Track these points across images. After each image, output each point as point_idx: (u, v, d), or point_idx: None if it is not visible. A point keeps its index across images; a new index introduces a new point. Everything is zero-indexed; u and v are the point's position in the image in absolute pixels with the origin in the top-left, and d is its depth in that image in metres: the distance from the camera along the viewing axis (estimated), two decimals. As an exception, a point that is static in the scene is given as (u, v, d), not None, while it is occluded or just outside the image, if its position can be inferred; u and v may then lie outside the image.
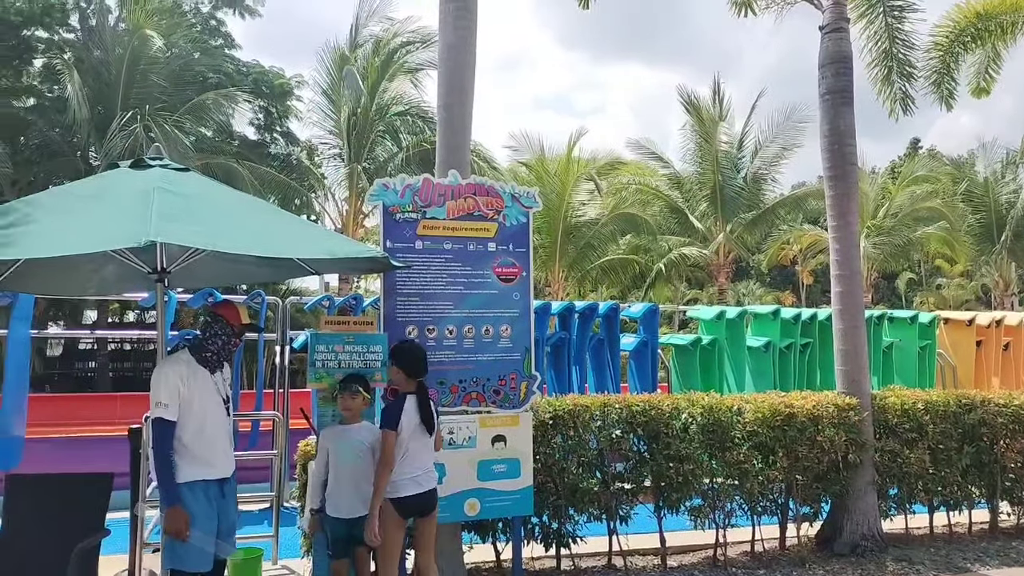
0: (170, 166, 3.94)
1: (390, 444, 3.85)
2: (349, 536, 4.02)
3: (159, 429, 3.57)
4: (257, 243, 3.54)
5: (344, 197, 19.00)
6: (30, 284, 4.75)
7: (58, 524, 3.97)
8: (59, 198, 3.74)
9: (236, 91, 17.15)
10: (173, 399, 3.58)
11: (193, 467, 3.62)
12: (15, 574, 3.86)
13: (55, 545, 3.87)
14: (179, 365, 3.70)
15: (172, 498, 3.53)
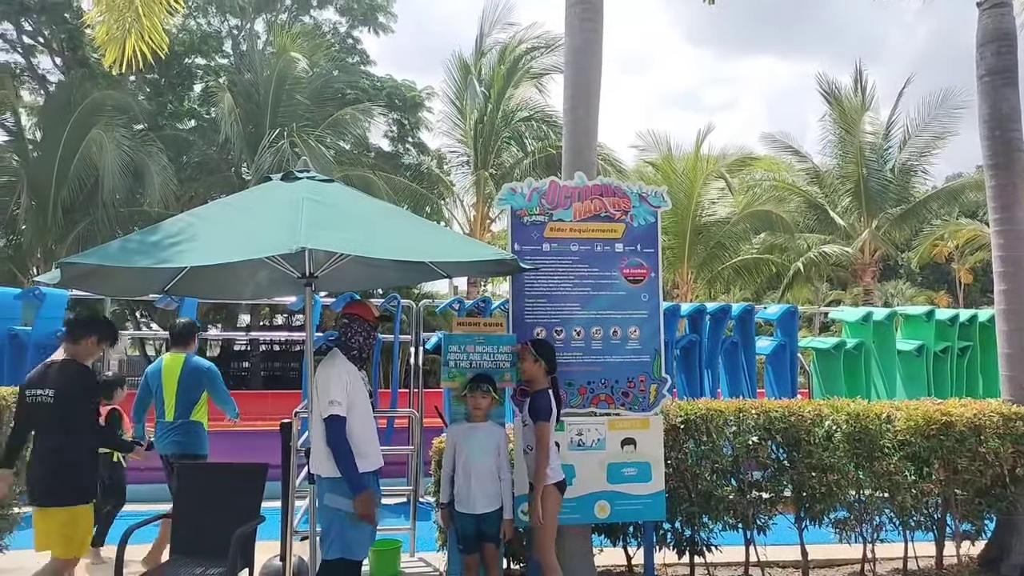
0: (316, 178, 4.20)
1: (548, 434, 4.04)
2: (478, 532, 4.15)
3: (335, 424, 3.75)
4: (394, 248, 3.72)
5: (472, 203, 19.49)
6: (195, 289, 5.21)
7: (220, 508, 4.33)
8: (219, 210, 4.08)
9: (371, 105, 18.03)
10: (343, 396, 3.79)
11: (360, 460, 3.82)
12: (186, 549, 4.25)
13: (217, 527, 4.23)
14: (344, 364, 3.93)
15: (360, 484, 3.72)
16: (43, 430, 4.10)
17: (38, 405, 4.05)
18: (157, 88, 20.53)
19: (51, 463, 4.03)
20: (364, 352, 4.09)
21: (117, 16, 5.27)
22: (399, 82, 20.92)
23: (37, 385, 4.09)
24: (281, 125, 16.22)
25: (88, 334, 4.20)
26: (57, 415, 4.02)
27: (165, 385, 5.45)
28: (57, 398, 4.01)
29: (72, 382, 4.06)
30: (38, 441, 4.16)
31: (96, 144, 15.40)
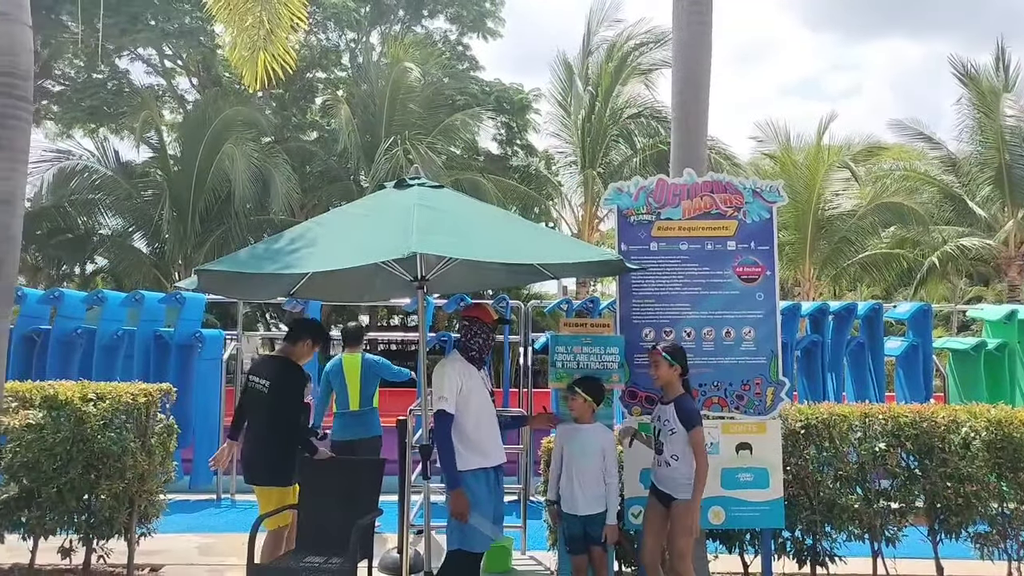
0: (427, 184, 4.34)
1: (702, 441, 3.97)
2: (584, 533, 4.14)
3: (441, 420, 3.93)
4: (501, 250, 3.79)
5: (580, 203, 19.45)
6: (318, 292, 5.52)
7: (341, 501, 4.54)
8: (336, 218, 4.30)
9: (480, 110, 18.37)
10: (453, 394, 3.94)
11: (475, 456, 3.97)
12: (310, 539, 4.49)
13: (338, 518, 4.45)
14: (458, 364, 4.09)
15: (455, 482, 3.87)
16: (255, 415, 4.59)
17: (255, 392, 4.57)
18: (282, 102, 21.77)
19: (258, 447, 4.53)
20: (483, 353, 4.21)
21: (248, 37, 5.67)
22: (507, 85, 21.19)
23: (257, 374, 4.64)
24: (395, 133, 16.81)
25: (305, 337, 4.68)
26: (268, 403, 4.49)
27: (348, 380, 6.13)
28: (271, 389, 4.49)
29: (284, 376, 4.53)
30: (251, 424, 4.65)
31: (228, 157, 16.52)
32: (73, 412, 5.02)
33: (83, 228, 18.56)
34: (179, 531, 6.42)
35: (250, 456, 4.61)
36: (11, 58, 5.22)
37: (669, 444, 4.05)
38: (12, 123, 5.20)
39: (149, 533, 5.43)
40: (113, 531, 5.19)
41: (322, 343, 4.79)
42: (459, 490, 3.86)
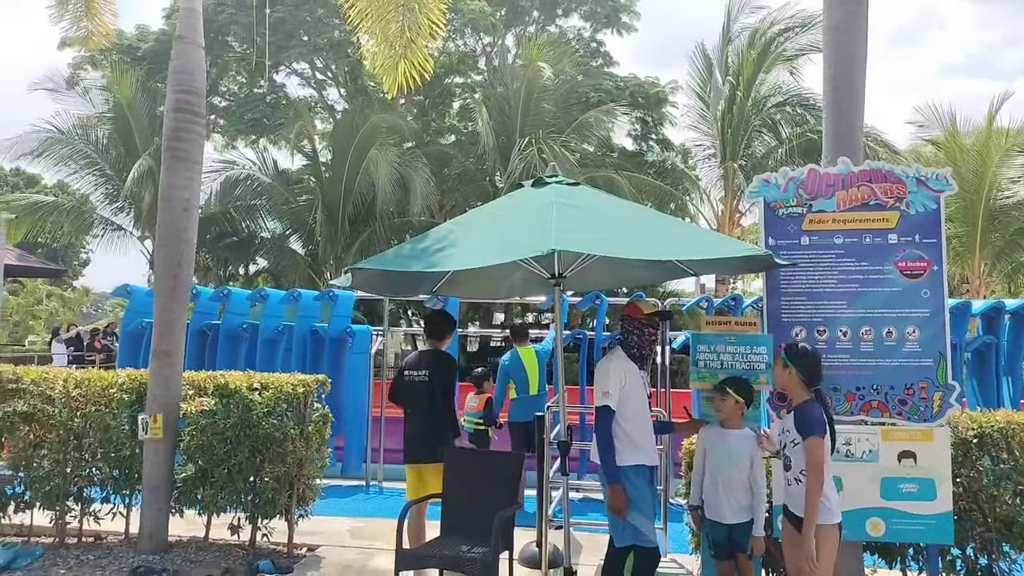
0: (564, 182, 4.35)
1: (820, 454, 3.48)
2: (729, 540, 3.98)
3: (603, 415, 3.97)
4: (643, 247, 3.73)
5: (719, 197, 18.80)
6: (459, 289, 5.69)
7: (483, 492, 4.65)
8: (476, 217, 4.40)
9: (615, 106, 18.19)
10: (615, 390, 3.96)
11: (635, 453, 3.97)
12: (454, 527, 4.63)
13: (481, 509, 4.55)
14: (622, 360, 4.11)
15: (615, 477, 3.89)
16: (416, 402, 5.01)
17: (414, 383, 5.01)
18: (422, 108, 22.63)
19: (423, 429, 4.95)
20: (643, 350, 4.19)
21: (390, 46, 5.95)
22: (642, 80, 20.85)
23: (414, 368, 5.08)
24: (529, 133, 16.99)
25: (448, 331, 5.25)
26: (428, 390, 4.94)
27: (528, 369, 6.89)
28: (430, 378, 4.96)
29: (440, 365, 5.02)
30: (413, 411, 5.07)
31: (373, 163, 17.39)
32: (241, 400, 5.47)
33: (246, 232, 20.20)
34: (332, 514, 6.81)
35: (414, 438, 4.98)
36: (188, 77, 5.77)
37: (795, 458, 3.67)
38: (189, 136, 5.75)
39: (307, 515, 5.82)
40: (275, 511, 5.61)
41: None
42: (619, 485, 3.86)
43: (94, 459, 5.78)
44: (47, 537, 5.88)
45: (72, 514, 5.81)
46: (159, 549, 5.57)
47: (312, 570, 5.34)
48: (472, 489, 4.66)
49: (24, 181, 37.38)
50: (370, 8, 6.08)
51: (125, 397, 5.71)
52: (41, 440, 5.75)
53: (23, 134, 18.06)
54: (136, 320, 8.83)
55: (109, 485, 5.81)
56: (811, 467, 3.49)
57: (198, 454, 5.57)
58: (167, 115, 5.78)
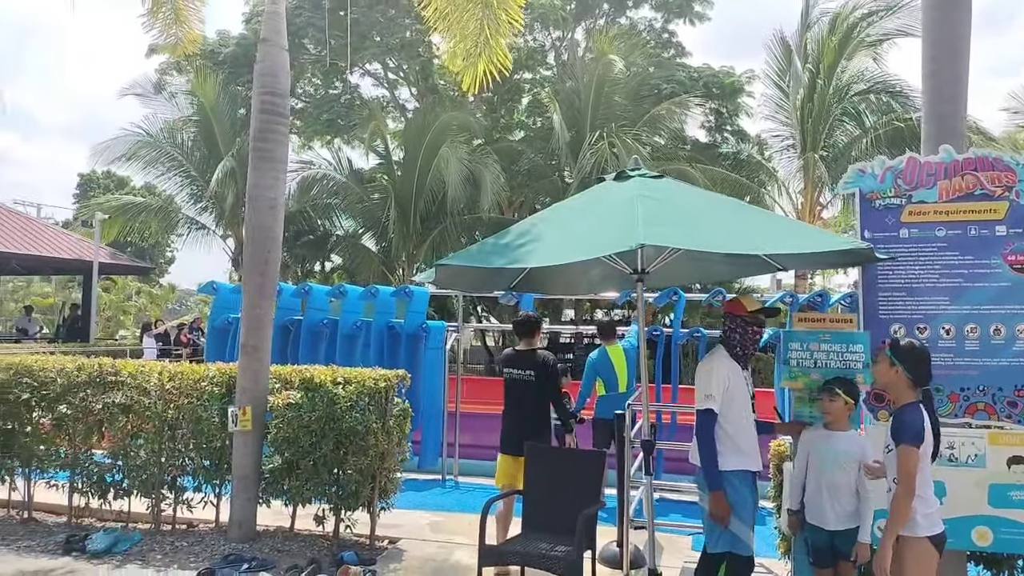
0: (647, 175, 4.26)
1: (913, 463, 3.23)
2: (831, 547, 3.81)
3: (705, 418, 3.82)
4: (734, 240, 3.61)
5: (799, 189, 18.16)
6: (536, 285, 5.66)
7: (564, 490, 4.62)
8: (559, 213, 4.36)
9: (688, 97, 17.81)
10: (719, 393, 3.82)
11: (738, 457, 3.83)
12: (535, 524, 4.62)
13: (562, 506, 4.53)
14: (726, 360, 3.94)
15: (717, 484, 3.75)
16: (520, 399, 5.32)
17: (518, 381, 5.32)
18: (491, 105, 22.69)
19: (524, 425, 5.23)
20: (746, 349, 4.01)
21: (468, 44, 5.96)
22: (716, 70, 20.35)
23: (516, 366, 5.37)
24: (600, 127, 16.82)
25: (535, 330, 5.51)
26: (534, 389, 5.25)
27: (616, 367, 6.90)
28: (537, 377, 5.25)
29: (545, 365, 5.29)
30: (514, 406, 5.36)
31: (444, 160, 17.54)
32: (326, 394, 5.60)
33: (322, 230, 20.71)
34: (410, 507, 6.90)
35: (518, 432, 5.24)
36: (272, 79, 5.92)
37: (890, 465, 3.42)
38: (274, 137, 5.90)
39: (388, 508, 5.91)
40: (358, 503, 5.72)
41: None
42: (720, 492, 3.72)
43: (187, 449, 6.02)
44: (143, 523, 6.16)
45: (166, 502, 6.07)
46: (248, 538, 5.75)
47: (394, 562, 5.42)
48: (553, 486, 4.64)
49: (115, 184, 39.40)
50: (448, 7, 6.11)
51: (215, 390, 5.92)
52: (138, 430, 6.03)
53: (115, 138, 19.02)
54: (222, 316, 9.15)
55: (200, 475, 6.04)
56: (901, 476, 3.28)
57: (284, 446, 5.73)
58: (253, 117, 5.95)
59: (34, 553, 5.47)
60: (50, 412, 6.17)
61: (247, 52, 20.73)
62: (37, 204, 28.65)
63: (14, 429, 6.26)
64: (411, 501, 7.18)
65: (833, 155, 17.12)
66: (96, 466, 6.17)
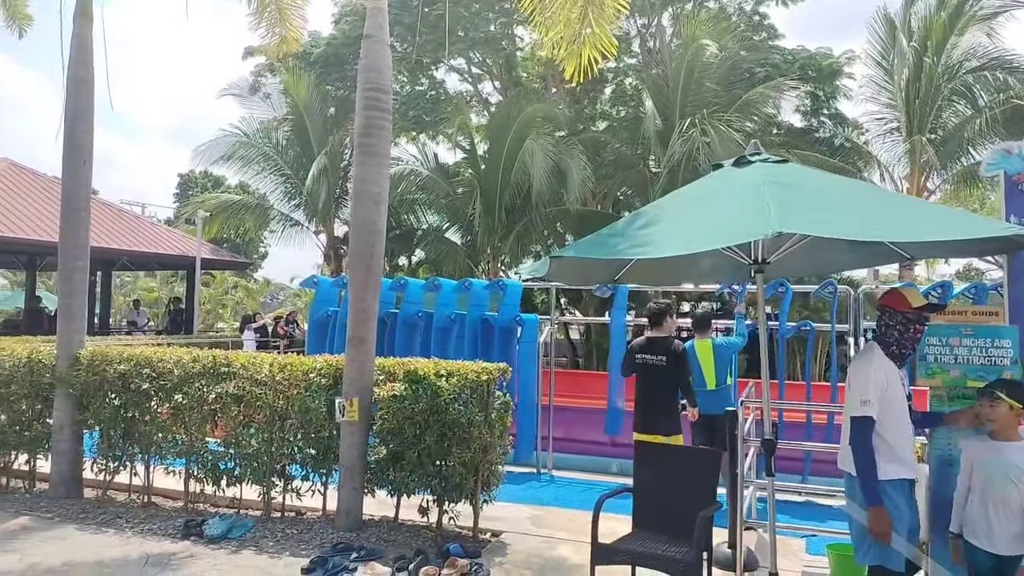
0: (769, 160, 4.05)
1: None
2: (997, 573, 3.41)
3: (862, 427, 3.52)
4: (877, 227, 3.36)
5: (904, 175, 17.18)
6: (642, 277, 5.49)
7: (677, 488, 4.46)
8: (678, 201, 4.19)
9: (783, 81, 17.08)
10: (876, 397, 3.52)
11: (895, 465, 3.53)
12: (647, 523, 4.49)
13: (675, 506, 4.38)
14: (881, 360, 3.61)
15: (874, 497, 3.45)
16: (651, 383, 5.77)
17: (650, 366, 5.77)
18: (574, 96, 22.45)
19: (652, 406, 5.72)
20: (903, 348, 3.64)
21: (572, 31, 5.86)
22: (813, 51, 19.46)
23: (647, 352, 5.82)
24: (690, 114, 16.36)
25: (665, 318, 5.90)
26: (665, 373, 5.68)
27: (702, 362, 6.69)
28: (667, 362, 5.68)
29: (676, 351, 5.74)
30: (645, 389, 5.83)
31: (528, 153, 17.46)
32: (429, 386, 5.62)
33: (408, 224, 21.03)
34: (508, 500, 6.88)
35: (650, 413, 5.74)
36: (376, 75, 5.97)
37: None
38: (378, 132, 5.95)
39: (490, 500, 5.90)
40: (462, 495, 5.73)
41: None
42: (880, 507, 3.43)
43: (295, 439, 6.17)
44: (255, 510, 6.36)
45: (276, 489, 6.24)
46: (355, 527, 5.85)
47: (499, 555, 5.39)
48: (665, 485, 4.49)
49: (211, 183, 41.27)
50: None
51: (323, 381, 6.04)
52: (249, 420, 6.22)
53: (215, 139, 19.88)
54: (322, 309, 9.38)
55: (308, 464, 6.18)
56: None
57: (389, 437, 5.80)
58: (358, 113, 6.02)
59: (156, 536, 5.73)
60: (167, 401, 6.45)
61: (337, 52, 21.26)
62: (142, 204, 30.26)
63: (135, 417, 6.57)
64: (509, 494, 7.14)
65: (942, 137, 16.12)
66: (210, 454, 6.40)
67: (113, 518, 6.15)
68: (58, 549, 5.35)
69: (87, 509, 6.40)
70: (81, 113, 6.74)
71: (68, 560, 5.12)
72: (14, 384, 6.91)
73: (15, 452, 7.09)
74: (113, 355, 6.66)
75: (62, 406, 6.71)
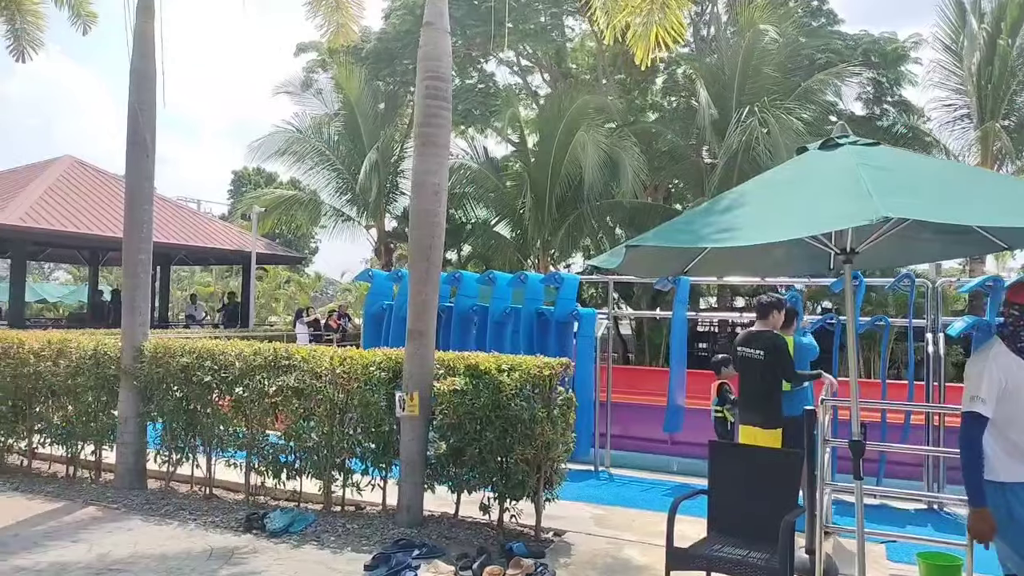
0: (859, 142, 3.79)
1: None
2: None
3: (974, 423, 3.30)
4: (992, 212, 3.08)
5: (975, 163, 16.41)
6: (711, 268, 5.24)
7: (755, 491, 4.24)
8: (761, 186, 3.95)
9: (847, 67, 16.45)
10: (991, 395, 3.27)
11: (1019, 465, 3.29)
12: (723, 527, 4.28)
13: (753, 509, 4.17)
14: (1003, 357, 3.35)
15: (979, 498, 3.26)
16: (749, 376, 5.68)
17: (748, 359, 5.64)
18: (624, 87, 22.09)
19: (752, 399, 5.63)
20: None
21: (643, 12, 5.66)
22: (876, 36, 18.72)
23: (746, 346, 5.67)
24: (747, 103, 15.88)
25: (771, 311, 5.70)
26: (761, 366, 5.52)
27: None
28: (766, 357, 5.50)
29: (775, 345, 5.52)
30: (743, 384, 5.76)
31: (580, 145, 17.20)
32: (492, 381, 5.49)
33: (457, 219, 20.99)
34: (568, 498, 6.71)
35: (746, 407, 5.73)
36: (435, 63, 5.84)
37: None
38: (438, 121, 5.83)
39: (553, 499, 5.75)
40: (524, 493, 5.59)
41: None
42: (983, 509, 3.22)
43: (355, 433, 6.11)
44: (314, 504, 6.33)
45: (336, 483, 6.20)
46: (415, 523, 5.77)
47: (564, 557, 5.24)
48: (743, 487, 4.28)
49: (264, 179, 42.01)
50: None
51: (382, 375, 5.96)
52: (310, 413, 6.19)
53: (269, 135, 20.13)
54: (377, 302, 9.35)
55: (368, 458, 6.12)
56: None
57: (450, 432, 5.70)
58: (417, 103, 5.91)
59: (219, 529, 5.73)
60: (229, 394, 6.46)
61: (387, 47, 21.29)
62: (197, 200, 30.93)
63: (197, 410, 6.62)
64: (568, 492, 6.95)
65: (1016, 124, 15.32)
66: (271, 447, 6.40)
67: (176, 510, 6.20)
68: (125, 540, 5.39)
69: (151, 500, 6.47)
70: (143, 107, 6.80)
71: (134, 552, 5.15)
72: (81, 376, 7.03)
73: (82, 442, 7.21)
74: (176, 348, 6.71)
75: (127, 398, 6.79)
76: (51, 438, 7.37)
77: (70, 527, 5.73)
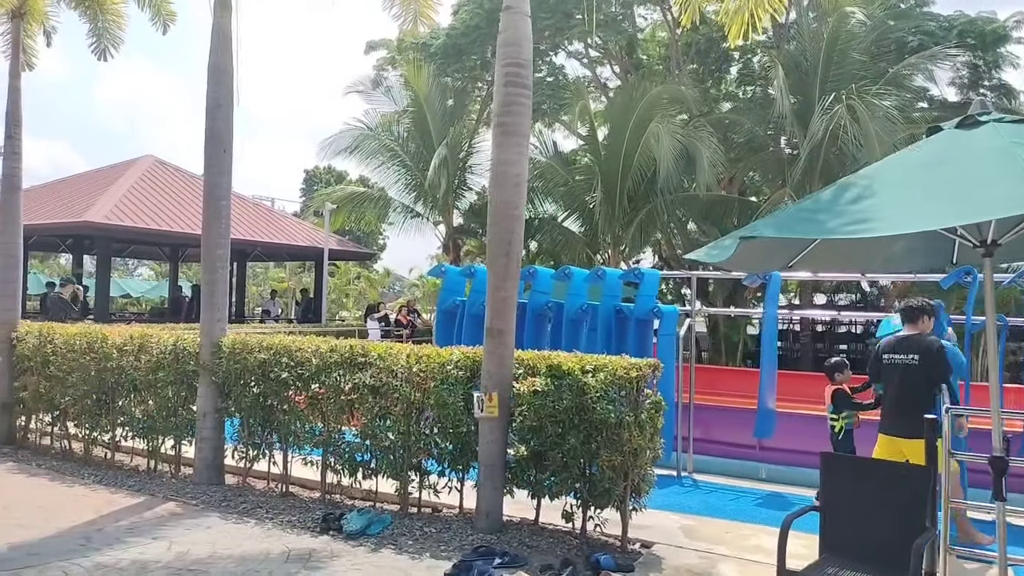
0: (1005, 119, 3.33)
1: None
2: None
3: None
4: None
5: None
6: (817, 262, 4.79)
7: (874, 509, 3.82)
8: (892, 169, 3.53)
9: (941, 49, 15.41)
10: None
11: None
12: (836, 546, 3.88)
13: (871, 529, 3.76)
14: None
15: None
16: (896, 383, 5.35)
17: (897, 365, 5.33)
18: (697, 76, 21.40)
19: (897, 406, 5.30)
20: None
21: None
22: (973, 16, 17.52)
23: (895, 351, 5.38)
24: (832, 90, 15.07)
25: (922, 316, 5.44)
26: (914, 372, 5.24)
27: None
28: (920, 361, 5.22)
29: (932, 350, 5.25)
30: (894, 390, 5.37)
31: (653, 136, 16.68)
32: (575, 382, 5.20)
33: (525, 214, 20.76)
34: (653, 507, 6.37)
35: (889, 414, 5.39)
36: (516, 48, 5.57)
37: None
38: (518, 109, 5.56)
39: (640, 509, 5.42)
40: (610, 502, 5.28)
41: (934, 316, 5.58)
42: None
43: (432, 433, 5.92)
44: (390, 504, 6.18)
45: (412, 484, 6.02)
46: (495, 528, 5.54)
47: (653, 571, 4.91)
48: (863, 505, 3.86)
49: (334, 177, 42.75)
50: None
51: (460, 374, 5.74)
52: (386, 412, 6.02)
53: (339, 133, 20.33)
54: (450, 298, 9.16)
55: (445, 459, 5.93)
56: None
57: (530, 435, 5.44)
58: (496, 90, 5.67)
59: (295, 529, 5.63)
60: (305, 391, 6.37)
61: (456, 43, 21.19)
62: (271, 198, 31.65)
63: (273, 406, 6.55)
64: (651, 499, 6.63)
65: None
66: (347, 445, 6.27)
67: (253, 507, 6.14)
68: (203, 538, 5.33)
69: (228, 497, 6.44)
70: (221, 102, 6.77)
71: (213, 552, 5.07)
72: (161, 371, 7.07)
73: (163, 437, 7.27)
74: (253, 344, 6.66)
75: (205, 393, 6.79)
76: (133, 432, 7.46)
77: (150, 523, 5.72)
